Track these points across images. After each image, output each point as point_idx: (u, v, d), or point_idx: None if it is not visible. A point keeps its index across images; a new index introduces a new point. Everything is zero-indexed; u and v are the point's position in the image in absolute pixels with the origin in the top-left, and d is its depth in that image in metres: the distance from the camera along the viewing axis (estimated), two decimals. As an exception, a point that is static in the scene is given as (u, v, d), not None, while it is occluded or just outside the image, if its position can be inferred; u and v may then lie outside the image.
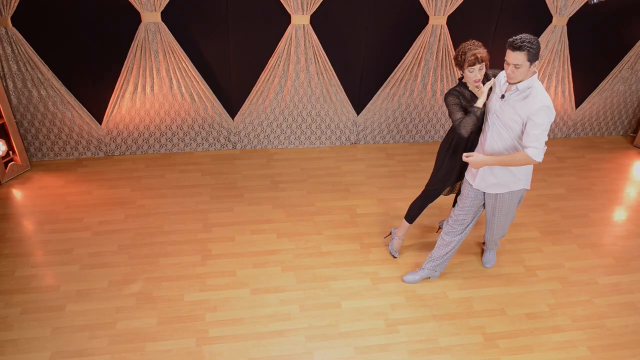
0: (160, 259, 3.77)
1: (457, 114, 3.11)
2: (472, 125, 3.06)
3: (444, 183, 3.53)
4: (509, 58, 2.86)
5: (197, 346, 3.15)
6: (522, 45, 2.77)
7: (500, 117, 3.04)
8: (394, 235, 3.91)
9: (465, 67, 3.03)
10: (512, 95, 2.98)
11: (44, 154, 4.77)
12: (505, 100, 3.01)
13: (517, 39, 2.80)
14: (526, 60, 2.81)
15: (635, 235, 4.29)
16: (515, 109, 2.96)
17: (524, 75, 2.88)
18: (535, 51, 2.80)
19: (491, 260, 3.89)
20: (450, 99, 3.15)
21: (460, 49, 3.06)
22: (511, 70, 2.88)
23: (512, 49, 2.82)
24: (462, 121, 3.08)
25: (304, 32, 4.53)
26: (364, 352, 3.17)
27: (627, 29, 5.16)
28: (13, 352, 3.05)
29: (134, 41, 4.33)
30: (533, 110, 2.87)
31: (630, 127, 5.86)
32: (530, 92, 2.91)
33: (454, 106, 3.13)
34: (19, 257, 3.72)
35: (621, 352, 3.27)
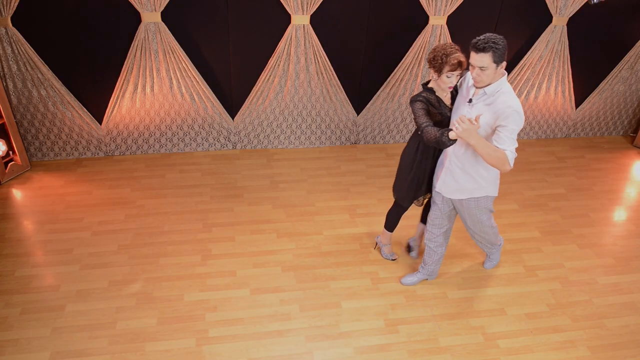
0: (160, 259, 3.77)
1: (422, 118, 2.90)
2: (434, 141, 2.80)
3: (415, 193, 3.39)
4: (473, 60, 2.67)
5: (197, 346, 3.15)
6: (487, 46, 2.59)
7: None
8: (380, 244, 3.86)
9: (445, 71, 2.82)
10: (480, 99, 2.82)
11: (44, 154, 4.77)
12: (473, 105, 2.86)
13: (480, 40, 2.61)
14: (492, 62, 2.63)
15: (635, 235, 4.29)
16: (483, 113, 2.80)
17: (491, 77, 2.71)
18: (501, 51, 2.62)
19: (488, 262, 3.83)
20: (418, 104, 2.94)
21: (439, 50, 2.82)
22: (477, 73, 2.69)
23: (476, 51, 2.63)
24: (428, 128, 2.84)
25: (304, 32, 4.53)
26: (364, 352, 3.17)
27: (627, 29, 5.16)
28: (13, 352, 3.05)
29: (134, 41, 4.33)
30: (503, 116, 2.71)
31: (630, 127, 5.86)
32: (499, 97, 2.75)
33: (420, 110, 2.93)
34: (19, 257, 3.72)
35: (621, 352, 3.27)
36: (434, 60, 2.82)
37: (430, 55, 2.86)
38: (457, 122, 2.62)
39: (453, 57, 2.76)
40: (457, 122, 2.62)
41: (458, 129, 2.62)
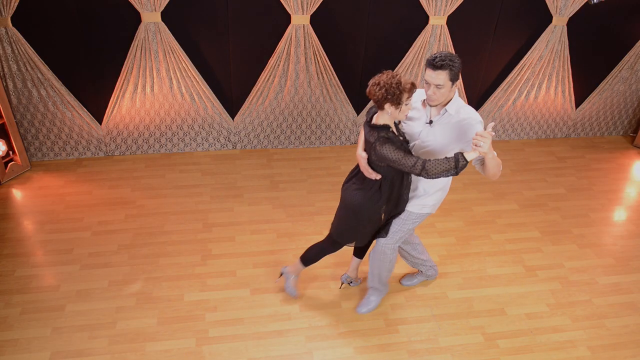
0: (160, 259, 3.77)
1: (408, 157, 2.59)
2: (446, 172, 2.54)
3: (365, 237, 3.11)
4: (429, 78, 2.59)
5: (197, 346, 3.15)
6: (444, 64, 2.53)
7: (427, 144, 2.79)
8: (286, 274, 3.42)
9: (405, 99, 2.57)
10: (441, 119, 2.73)
11: (44, 154, 4.77)
12: (434, 125, 2.76)
13: (437, 57, 2.55)
14: (448, 80, 2.58)
15: (635, 235, 4.29)
16: (445, 133, 2.72)
17: (445, 95, 2.64)
18: (457, 69, 2.58)
19: (363, 306, 3.43)
20: (390, 146, 2.61)
21: (386, 83, 2.53)
22: (432, 91, 2.62)
23: (433, 68, 2.55)
24: (428, 162, 2.54)
25: (304, 32, 4.53)
26: (364, 352, 3.17)
27: (627, 29, 5.16)
28: (13, 352, 3.05)
29: (134, 41, 4.33)
30: (472, 129, 2.64)
31: (630, 127, 5.86)
32: (460, 113, 2.70)
33: (398, 151, 2.60)
34: (19, 257, 3.72)
35: (621, 352, 3.27)
36: (389, 95, 2.54)
37: (379, 92, 2.55)
38: (478, 139, 2.42)
39: (405, 83, 2.56)
40: (478, 139, 2.42)
41: (483, 146, 2.42)
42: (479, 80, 5.21)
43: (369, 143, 2.72)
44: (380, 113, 2.66)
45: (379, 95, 2.56)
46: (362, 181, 2.87)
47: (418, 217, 3.04)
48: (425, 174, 2.54)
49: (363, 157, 2.79)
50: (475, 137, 2.44)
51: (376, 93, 2.57)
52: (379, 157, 2.65)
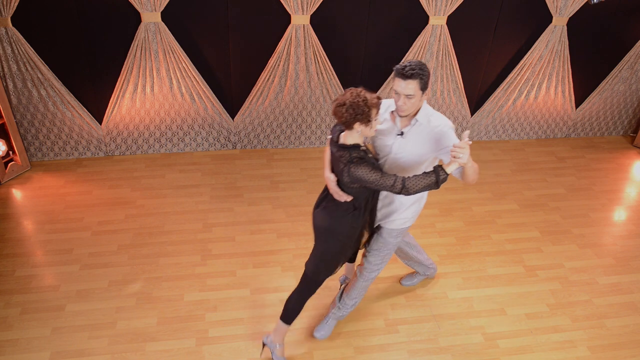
0: (160, 259, 3.77)
1: (385, 176, 2.44)
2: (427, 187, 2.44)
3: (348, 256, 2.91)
4: (400, 88, 2.48)
5: (197, 346, 3.15)
6: (414, 73, 2.43)
7: (400, 156, 2.68)
8: (270, 345, 3.05)
9: (374, 115, 2.43)
10: (412, 129, 2.63)
11: (44, 154, 4.77)
12: (405, 136, 2.65)
13: (407, 67, 2.44)
14: (419, 89, 2.48)
15: (635, 235, 4.29)
16: (418, 143, 2.63)
17: (416, 105, 2.55)
18: (427, 78, 2.49)
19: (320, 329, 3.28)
20: (365, 167, 2.44)
21: (352, 102, 2.37)
22: (403, 101, 2.51)
23: (403, 78, 2.45)
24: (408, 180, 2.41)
25: (304, 32, 4.53)
26: (364, 352, 3.17)
27: (627, 29, 5.16)
28: (13, 352, 3.05)
29: (134, 41, 4.33)
30: (444, 137, 2.57)
31: (630, 127, 5.86)
32: (431, 121, 2.61)
33: (374, 171, 2.45)
34: (19, 257, 3.72)
35: (621, 352, 3.27)
36: (358, 113, 2.38)
37: (346, 113, 2.38)
38: (457, 151, 2.32)
39: (372, 98, 2.42)
40: (457, 150, 2.32)
41: (463, 157, 2.32)
42: (479, 80, 5.21)
43: (338, 164, 2.53)
44: (349, 132, 2.49)
45: (346, 116, 2.39)
46: (333, 205, 2.67)
47: (400, 233, 2.96)
48: (406, 192, 2.42)
49: (332, 180, 2.61)
50: (454, 149, 2.33)
51: (343, 114, 2.40)
52: (353, 179, 2.47)
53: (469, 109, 5.35)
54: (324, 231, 2.75)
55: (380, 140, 2.73)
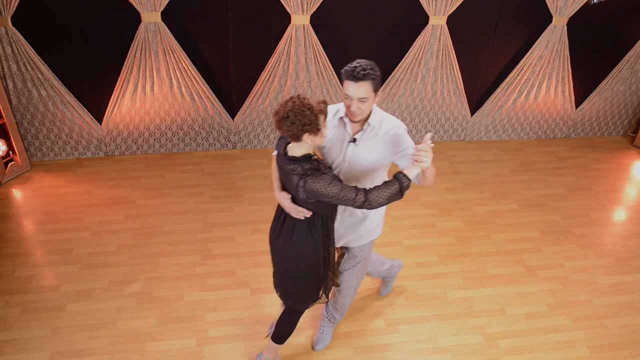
0: (160, 259, 3.77)
1: (349, 191, 2.22)
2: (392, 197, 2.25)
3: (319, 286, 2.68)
4: (352, 92, 2.28)
5: (197, 346, 3.15)
6: (366, 74, 2.25)
7: (355, 164, 2.49)
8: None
9: (322, 121, 2.24)
10: (365, 134, 2.44)
11: (44, 154, 4.77)
12: (359, 143, 2.46)
13: (357, 68, 2.25)
14: (372, 91, 2.30)
15: (635, 235, 4.29)
16: (372, 149, 2.46)
17: (370, 108, 2.36)
18: (379, 78, 2.33)
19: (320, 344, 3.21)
20: (323, 180, 2.22)
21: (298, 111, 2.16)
22: (356, 106, 2.31)
23: (355, 80, 2.25)
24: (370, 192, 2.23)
25: (304, 32, 4.53)
26: (364, 352, 3.17)
27: (627, 29, 5.16)
28: (13, 352, 3.05)
29: (134, 41, 4.33)
30: (399, 140, 2.43)
31: (630, 127, 5.86)
32: (384, 124, 2.45)
33: (333, 184, 2.22)
34: (19, 257, 3.72)
35: (621, 352, 3.27)
36: (305, 124, 2.17)
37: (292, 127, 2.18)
38: (420, 155, 2.14)
39: (317, 104, 2.21)
40: (420, 154, 2.14)
41: (426, 161, 2.15)
42: (479, 80, 5.21)
43: (291, 180, 2.31)
44: (297, 143, 2.26)
45: (293, 129, 2.18)
46: (292, 230, 2.45)
47: (370, 245, 2.84)
48: (369, 206, 2.23)
49: (286, 198, 2.40)
50: (417, 153, 2.15)
51: (289, 128, 2.18)
52: (310, 194, 2.24)
53: (469, 109, 5.35)
54: (293, 264, 2.52)
55: (332, 149, 2.51)
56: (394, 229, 4.18)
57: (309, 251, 2.47)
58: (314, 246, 2.46)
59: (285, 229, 2.48)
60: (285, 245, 2.49)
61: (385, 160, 2.51)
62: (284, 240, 2.50)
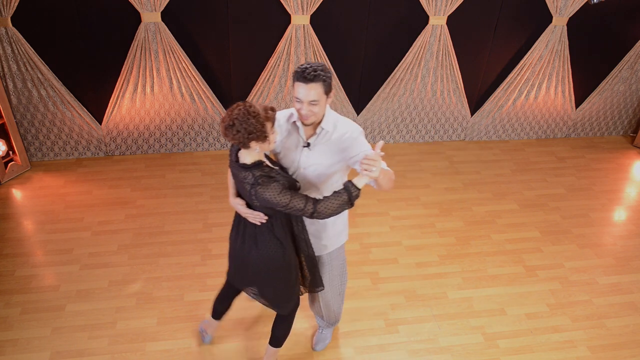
0: (160, 259, 3.77)
1: (296, 197, 2.22)
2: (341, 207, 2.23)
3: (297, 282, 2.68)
4: (302, 95, 2.20)
5: (197, 346, 3.15)
6: (317, 75, 2.16)
7: (309, 169, 2.42)
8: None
9: (270, 128, 2.20)
10: (319, 139, 2.37)
11: (44, 154, 4.77)
12: (312, 147, 2.39)
13: (308, 69, 2.17)
14: (323, 94, 2.22)
15: (635, 235, 4.29)
16: (326, 153, 2.38)
17: (322, 111, 2.28)
18: (330, 80, 2.24)
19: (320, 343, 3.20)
20: (274, 189, 2.21)
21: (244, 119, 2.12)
22: (307, 109, 2.23)
23: (306, 81, 2.17)
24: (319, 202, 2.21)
25: (304, 32, 4.53)
26: (364, 352, 3.17)
27: (627, 29, 5.16)
28: (13, 352, 3.05)
29: (134, 41, 4.33)
30: (354, 144, 2.35)
31: (630, 127, 5.86)
32: (338, 127, 2.37)
33: (284, 192, 2.21)
34: (19, 257, 3.72)
35: (621, 352, 3.27)
36: (251, 132, 2.14)
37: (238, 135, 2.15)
38: (368, 163, 2.07)
39: (264, 111, 2.18)
40: (368, 163, 2.07)
41: (374, 170, 2.08)
42: (479, 80, 5.21)
43: (243, 187, 2.32)
44: (246, 150, 2.25)
45: (239, 137, 2.15)
46: (255, 235, 2.44)
47: (340, 249, 2.79)
48: (318, 216, 2.21)
49: (240, 204, 2.42)
50: (364, 162, 2.08)
51: (235, 136, 2.15)
52: (262, 202, 2.25)
53: (469, 109, 5.35)
54: (263, 266, 2.48)
55: (285, 154, 2.46)
56: (394, 229, 4.19)
57: (278, 254, 2.45)
58: (282, 248, 2.44)
59: (248, 235, 2.46)
60: (252, 252, 2.46)
61: (340, 165, 2.42)
62: (249, 246, 2.47)
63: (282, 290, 2.59)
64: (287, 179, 2.32)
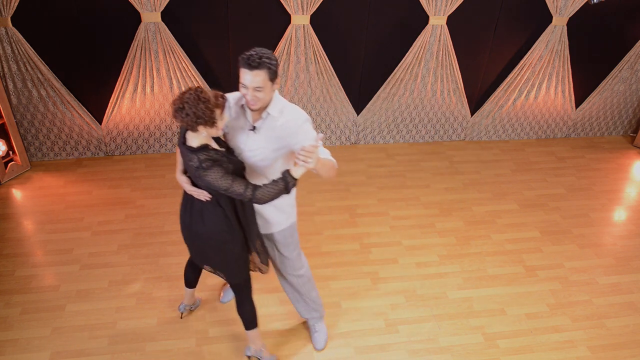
0: (160, 259, 3.77)
1: (236, 182, 2.33)
2: (277, 194, 2.34)
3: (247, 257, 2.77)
4: (247, 81, 2.29)
5: (197, 346, 3.15)
6: (262, 62, 2.25)
7: (254, 152, 2.49)
8: (255, 354, 3.03)
9: (219, 114, 2.29)
10: (265, 123, 2.44)
11: (44, 154, 4.77)
12: (258, 131, 2.46)
13: (253, 55, 2.26)
14: (268, 80, 2.30)
15: (635, 235, 4.29)
16: (271, 138, 2.45)
17: (267, 98, 2.36)
18: (276, 67, 2.32)
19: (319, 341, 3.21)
20: (216, 171, 2.31)
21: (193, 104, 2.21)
22: (252, 95, 2.31)
23: (250, 68, 2.26)
24: (258, 189, 2.32)
25: (304, 32, 4.53)
26: (364, 352, 3.17)
27: (627, 29, 5.16)
28: (13, 352, 3.05)
29: (134, 41, 4.33)
30: (300, 131, 2.42)
31: (630, 127, 5.86)
32: (284, 114, 2.44)
33: (225, 177, 2.32)
34: (19, 257, 3.72)
35: (621, 352, 3.27)
36: (199, 117, 2.22)
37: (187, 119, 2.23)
38: (304, 154, 2.17)
39: (214, 97, 2.28)
40: (304, 153, 2.17)
41: (310, 161, 2.19)
42: (479, 80, 5.21)
43: (190, 167, 2.40)
44: (194, 133, 2.33)
45: (187, 120, 2.24)
46: (201, 211, 2.53)
47: (290, 229, 2.81)
48: (257, 201, 2.34)
49: (186, 182, 2.53)
50: (301, 153, 2.17)
51: (184, 119, 2.24)
52: (205, 184, 2.37)
53: (469, 109, 5.35)
54: (211, 241, 2.58)
55: (233, 135, 2.55)
56: (394, 229, 4.19)
57: (224, 229, 2.54)
58: (227, 223, 2.53)
59: (196, 211, 2.55)
60: (200, 227, 2.56)
61: (284, 151, 2.48)
62: (196, 222, 2.56)
63: (231, 262, 2.69)
64: (233, 162, 2.42)
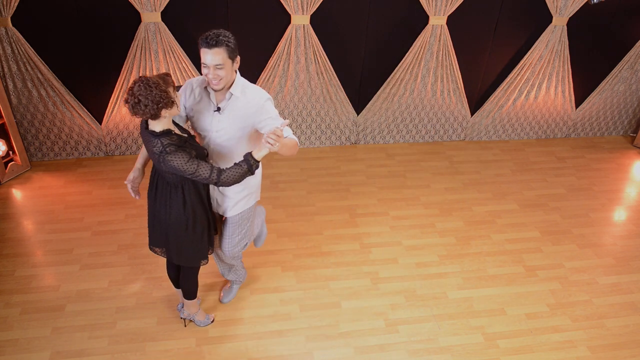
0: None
1: (201, 166, 2.41)
2: (242, 176, 2.45)
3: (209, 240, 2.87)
4: (207, 59, 2.40)
5: (197, 346, 3.15)
6: (219, 40, 2.37)
7: (220, 133, 2.60)
8: (190, 317, 3.24)
9: (173, 93, 2.37)
10: (229, 104, 2.56)
11: (44, 154, 4.77)
12: (223, 112, 2.58)
13: (210, 35, 2.39)
14: (227, 58, 2.42)
15: (635, 235, 4.29)
16: (236, 118, 2.57)
17: (228, 77, 2.47)
18: (234, 45, 2.44)
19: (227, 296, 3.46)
20: (180, 156, 2.38)
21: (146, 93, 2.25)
22: (213, 73, 2.42)
23: (209, 47, 2.39)
24: (223, 172, 2.42)
25: (304, 32, 4.53)
26: (364, 352, 3.17)
27: (627, 29, 5.16)
28: (13, 352, 3.05)
29: (134, 41, 4.33)
30: (262, 110, 2.54)
31: (630, 127, 5.86)
32: (247, 93, 2.57)
33: (190, 162, 2.39)
34: (19, 257, 3.72)
35: (621, 352, 3.27)
36: (158, 102, 2.28)
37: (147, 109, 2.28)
38: (271, 138, 2.27)
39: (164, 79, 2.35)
40: (271, 138, 2.27)
41: (276, 144, 2.29)
42: (479, 80, 5.21)
43: (153, 153, 2.44)
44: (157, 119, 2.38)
45: (149, 110, 2.28)
46: (168, 195, 2.61)
47: (250, 212, 2.92)
48: (222, 184, 2.43)
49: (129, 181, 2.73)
50: (270, 136, 2.28)
51: (144, 110, 2.28)
52: (170, 169, 2.41)
53: (469, 109, 5.35)
54: (175, 224, 2.67)
55: (198, 118, 2.64)
56: (394, 229, 4.19)
57: (188, 214, 2.64)
58: (192, 209, 2.64)
59: (160, 195, 2.64)
60: (165, 210, 2.65)
61: (248, 129, 2.61)
62: (161, 205, 2.65)
63: (189, 247, 2.78)
64: (195, 148, 2.50)
